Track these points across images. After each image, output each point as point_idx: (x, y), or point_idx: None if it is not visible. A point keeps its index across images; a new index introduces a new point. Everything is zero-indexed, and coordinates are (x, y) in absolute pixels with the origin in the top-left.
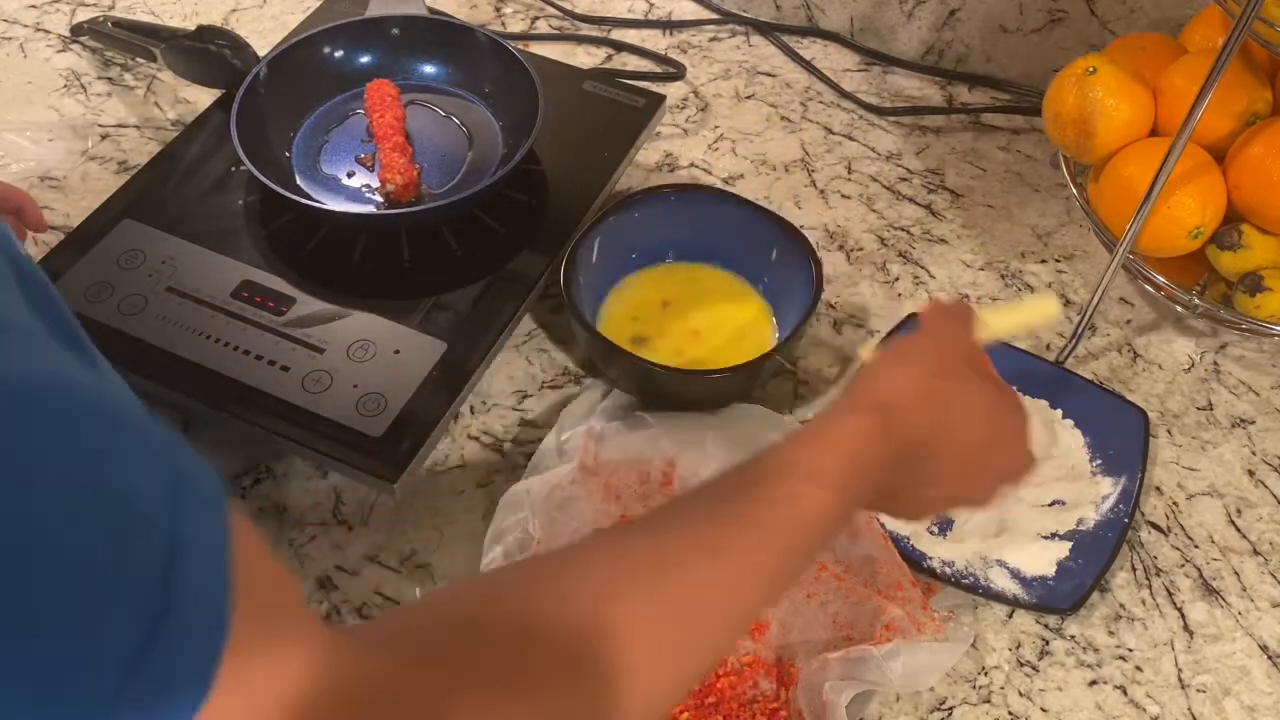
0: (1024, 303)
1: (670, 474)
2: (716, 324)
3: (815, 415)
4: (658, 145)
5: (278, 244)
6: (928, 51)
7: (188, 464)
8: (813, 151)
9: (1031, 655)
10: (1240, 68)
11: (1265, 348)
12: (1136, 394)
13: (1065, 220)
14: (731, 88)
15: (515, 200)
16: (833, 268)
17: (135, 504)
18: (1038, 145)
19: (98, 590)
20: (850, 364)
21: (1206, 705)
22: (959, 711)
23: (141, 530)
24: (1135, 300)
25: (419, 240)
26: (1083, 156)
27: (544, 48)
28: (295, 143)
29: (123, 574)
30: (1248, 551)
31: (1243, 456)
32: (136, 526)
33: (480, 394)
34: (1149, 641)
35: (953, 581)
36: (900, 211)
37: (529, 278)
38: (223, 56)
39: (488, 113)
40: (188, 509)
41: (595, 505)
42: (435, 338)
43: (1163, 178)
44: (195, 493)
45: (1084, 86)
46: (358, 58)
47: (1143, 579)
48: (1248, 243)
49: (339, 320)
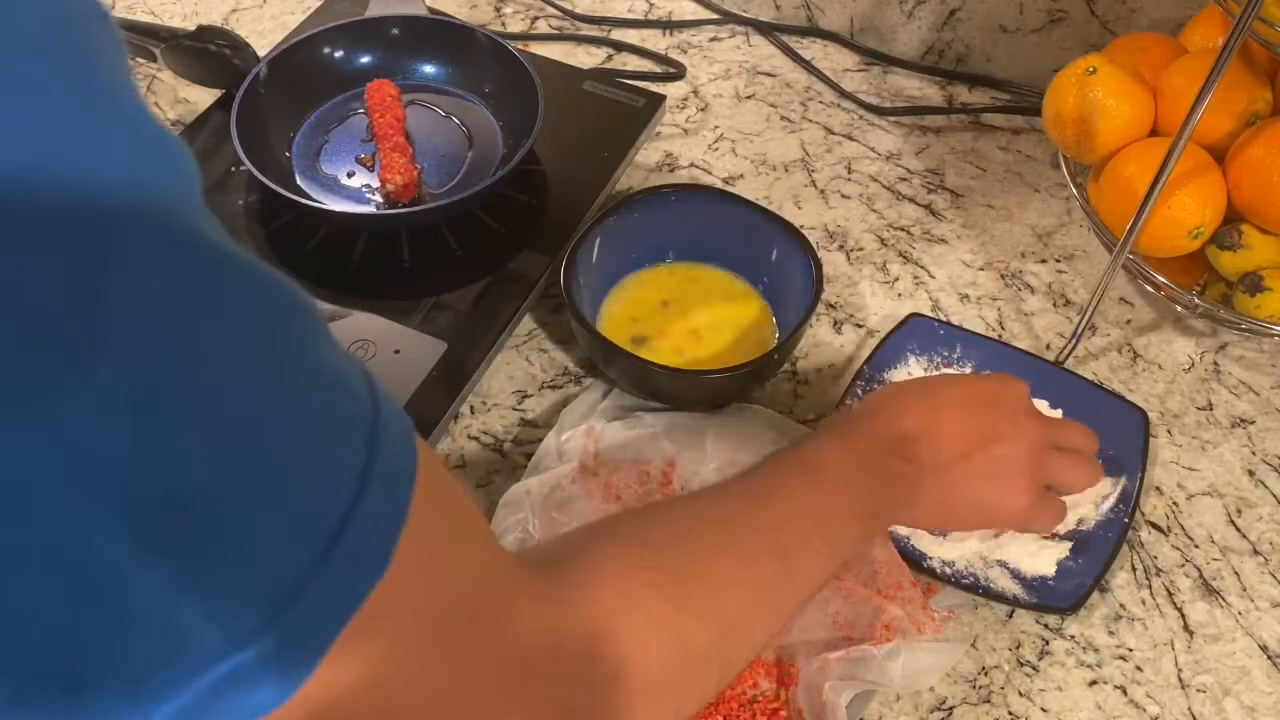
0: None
1: (670, 474)
2: (716, 324)
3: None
4: (658, 145)
5: (278, 244)
6: (928, 51)
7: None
8: (813, 151)
9: (1031, 655)
10: (1240, 68)
11: (1265, 348)
12: (1136, 394)
13: (1065, 220)
14: (731, 88)
15: (515, 200)
16: (833, 268)
17: (348, 384)
18: (1038, 145)
19: (319, 461)
20: (850, 364)
21: (1206, 705)
22: (959, 711)
23: (357, 410)
24: (1135, 300)
25: (419, 240)
26: (1083, 156)
27: (544, 48)
28: (295, 143)
29: (342, 447)
30: (1248, 551)
31: (1243, 456)
32: (353, 405)
33: (480, 394)
34: (1149, 641)
35: (953, 581)
36: (900, 211)
37: (529, 278)
38: (223, 56)
39: (488, 113)
40: (381, 399)
41: (595, 505)
42: (435, 338)
43: (1163, 178)
44: (385, 394)
45: (1084, 86)
46: (358, 58)
47: (1143, 579)
48: (1248, 243)
49: (339, 320)
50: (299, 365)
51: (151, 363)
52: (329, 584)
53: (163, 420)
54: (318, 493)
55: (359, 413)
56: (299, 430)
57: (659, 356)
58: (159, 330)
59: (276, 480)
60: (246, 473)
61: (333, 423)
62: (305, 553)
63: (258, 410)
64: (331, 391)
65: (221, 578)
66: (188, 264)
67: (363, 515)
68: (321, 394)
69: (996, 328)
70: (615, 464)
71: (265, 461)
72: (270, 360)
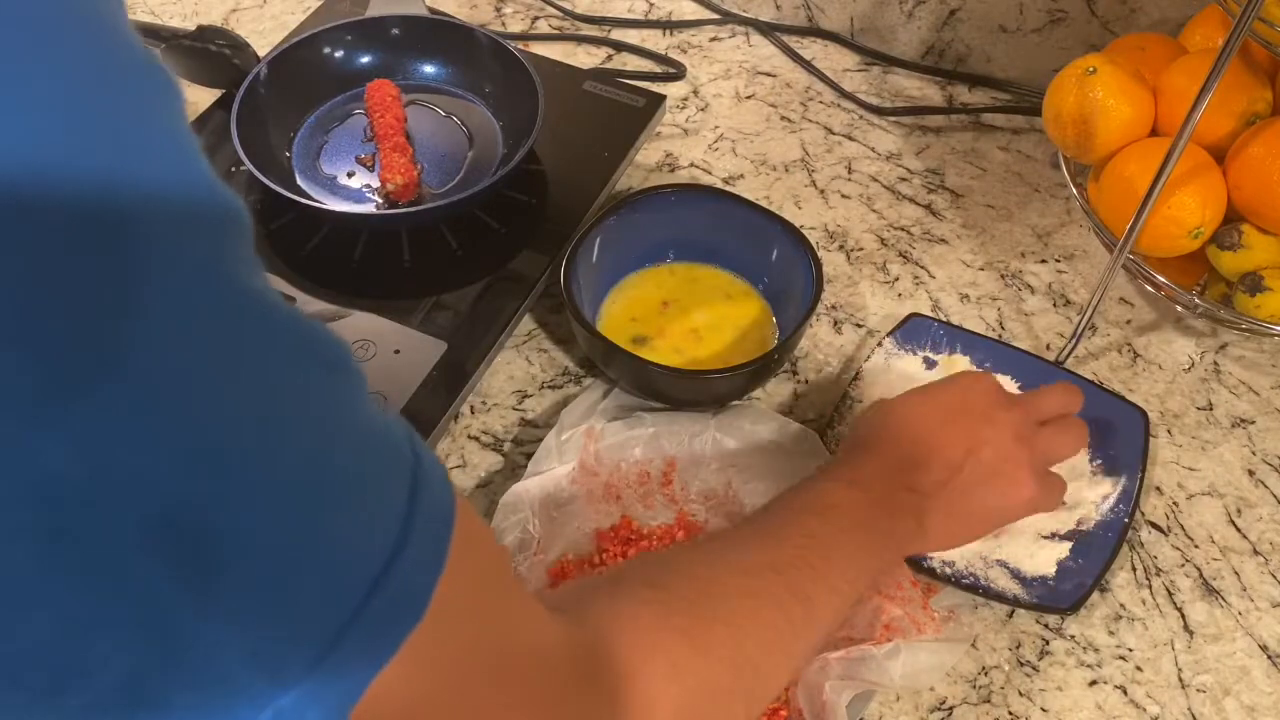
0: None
1: (670, 474)
2: (716, 324)
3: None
4: (658, 145)
5: (278, 244)
6: (928, 51)
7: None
8: (813, 151)
9: (1031, 655)
10: (1240, 68)
11: (1265, 348)
12: (1136, 394)
13: (1065, 220)
14: (731, 88)
15: (515, 200)
16: (833, 268)
17: (391, 434)
18: (1038, 145)
19: (364, 509)
20: (850, 364)
21: (1206, 705)
22: (959, 711)
23: (399, 459)
24: (1135, 300)
25: (419, 240)
26: (1083, 156)
27: (544, 48)
28: (295, 143)
29: (386, 496)
30: (1248, 551)
31: (1243, 456)
32: (396, 455)
33: (480, 394)
34: (1149, 641)
35: (953, 581)
36: (900, 211)
37: (529, 278)
38: (223, 56)
39: (488, 113)
40: (421, 449)
41: (595, 505)
42: (435, 338)
43: (1163, 178)
44: (423, 443)
45: (1084, 86)
46: (358, 58)
47: (1143, 579)
48: (1248, 243)
49: (339, 320)
50: (340, 414)
51: (173, 380)
52: (368, 630)
53: (194, 453)
54: (362, 540)
55: (401, 462)
56: (343, 478)
57: (659, 356)
58: (181, 350)
59: (321, 527)
60: (290, 519)
61: (376, 471)
62: (348, 600)
63: (301, 456)
64: (374, 440)
65: (267, 621)
66: (218, 292)
67: (403, 564)
68: (365, 442)
69: (996, 328)
70: (615, 464)
71: (309, 508)
72: (314, 407)
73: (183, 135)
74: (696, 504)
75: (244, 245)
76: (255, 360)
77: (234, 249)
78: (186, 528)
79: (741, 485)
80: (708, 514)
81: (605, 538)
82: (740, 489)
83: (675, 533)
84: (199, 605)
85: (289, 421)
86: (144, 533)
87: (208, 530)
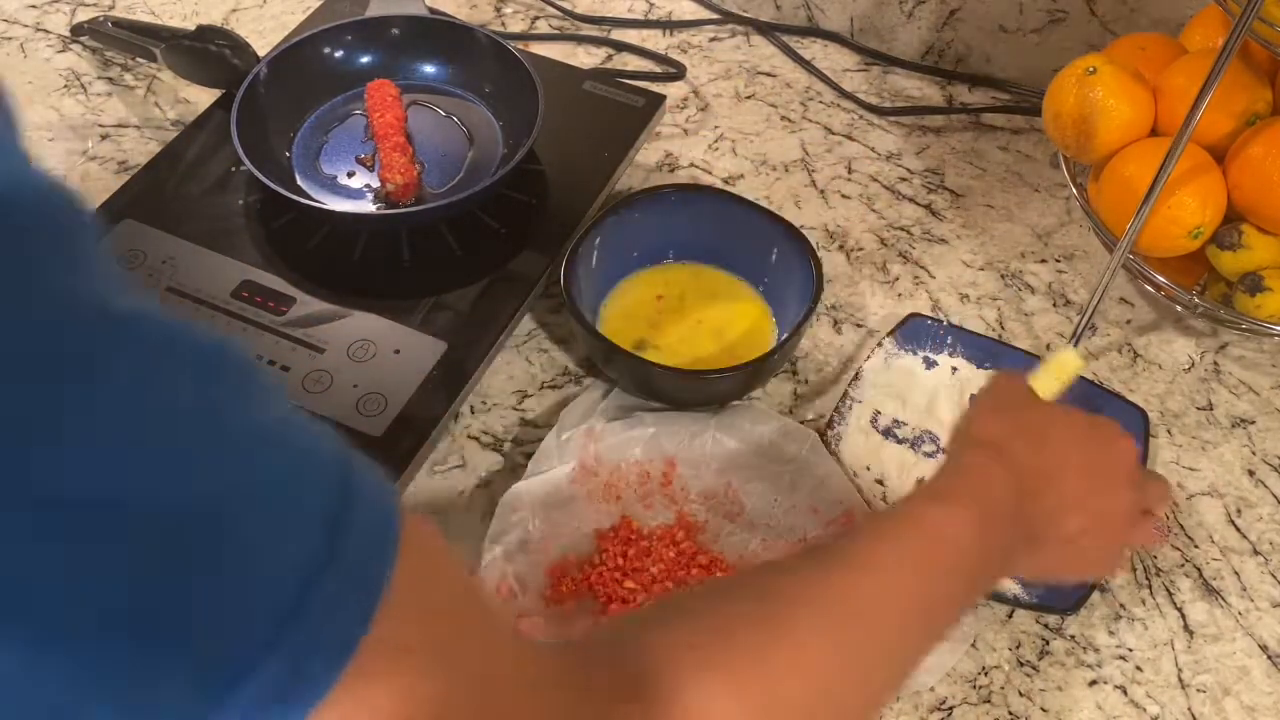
0: (1051, 363)
1: (670, 474)
2: (716, 324)
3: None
4: (658, 145)
5: (278, 244)
6: (928, 51)
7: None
8: (813, 151)
9: (1031, 655)
10: (1240, 68)
11: (1265, 348)
12: (1136, 394)
13: (1065, 220)
14: (731, 88)
15: (515, 200)
16: (833, 268)
17: (318, 449)
18: (1038, 145)
19: (283, 528)
20: (850, 364)
21: (1206, 705)
22: (959, 711)
23: (322, 472)
24: (1135, 300)
25: (419, 240)
26: (1083, 156)
27: (544, 48)
28: (295, 143)
29: (305, 511)
30: (1248, 551)
31: (1243, 456)
32: (319, 468)
33: (480, 394)
34: (1149, 641)
35: None
36: (900, 211)
37: (529, 278)
38: (223, 56)
39: (488, 113)
40: (359, 466)
41: (595, 505)
42: (435, 338)
43: (1163, 178)
44: (363, 461)
45: (1084, 86)
46: (358, 58)
47: (1143, 579)
48: (1248, 243)
49: (339, 320)
50: (230, 420)
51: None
52: (282, 667)
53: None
54: (271, 564)
55: (324, 480)
56: (253, 484)
57: (659, 356)
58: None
59: (229, 541)
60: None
61: (286, 483)
62: (258, 629)
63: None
64: (286, 451)
65: (191, 646)
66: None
67: (320, 595)
68: (276, 454)
69: (996, 328)
70: (615, 464)
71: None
72: (203, 419)
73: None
74: (696, 504)
75: (92, 249)
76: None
77: (85, 256)
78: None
79: (741, 485)
80: (708, 514)
81: (605, 538)
82: (740, 489)
83: (675, 533)
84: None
85: (193, 437)
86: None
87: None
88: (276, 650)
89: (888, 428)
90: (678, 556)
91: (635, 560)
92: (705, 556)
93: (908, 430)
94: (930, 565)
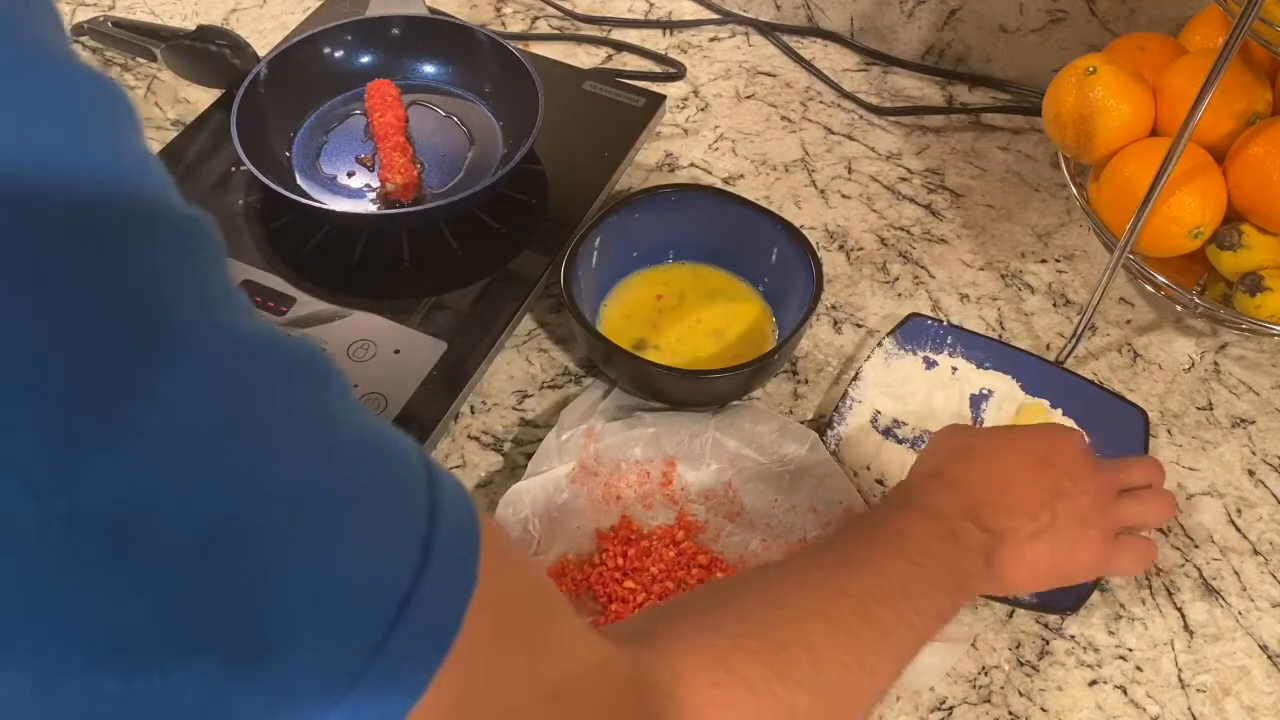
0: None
1: (670, 474)
2: (716, 324)
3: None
4: (658, 145)
5: (278, 244)
6: (928, 51)
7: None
8: (813, 151)
9: (1031, 655)
10: (1240, 68)
11: (1265, 348)
12: (1136, 394)
13: (1065, 220)
14: (731, 88)
15: (515, 200)
16: (833, 268)
17: (407, 455)
18: (1038, 145)
19: (388, 533)
20: (850, 364)
21: (1206, 705)
22: (959, 711)
23: (414, 480)
24: (1135, 300)
25: (419, 240)
26: (1083, 156)
27: (544, 48)
28: (295, 143)
29: (399, 523)
30: (1248, 551)
31: (1243, 456)
32: (411, 475)
33: (480, 394)
34: (1149, 641)
35: None
36: (900, 211)
37: (529, 278)
38: (223, 56)
39: (488, 113)
40: (435, 466)
41: (595, 505)
42: (435, 338)
43: (1163, 178)
44: (438, 465)
45: (1084, 86)
46: (358, 58)
47: (1143, 579)
48: (1248, 243)
49: (339, 320)
50: (341, 428)
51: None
52: (396, 659)
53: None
54: (381, 563)
55: (414, 480)
56: (355, 494)
57: (659, 356)
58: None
59: (339, 550)
60: (311, 545)
61: (388, 487)
62: (374, 628)
63: (312, 478)
64: (380, 453)
65: (290, 659)
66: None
67: (427, 586)
68: (369, 456)
69: (996, 328)
70: (615, 464)
71: (326, 531)
72: (316, 428)
73: (151, 156)
74: (696, 504)
75: (222, 265)
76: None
77: (220, 270)
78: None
79: (741, 485)
80: (708, 514)
81: (605, 538)
82: (740, 489)
83: (675, 533)
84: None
85: (300, 447)
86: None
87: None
88: (382, 652)
89: (887, 428)
90: (678, 556)
91: (635, 560)
92: (705, 556)
93: (907, 430)
94: (907, 554)
